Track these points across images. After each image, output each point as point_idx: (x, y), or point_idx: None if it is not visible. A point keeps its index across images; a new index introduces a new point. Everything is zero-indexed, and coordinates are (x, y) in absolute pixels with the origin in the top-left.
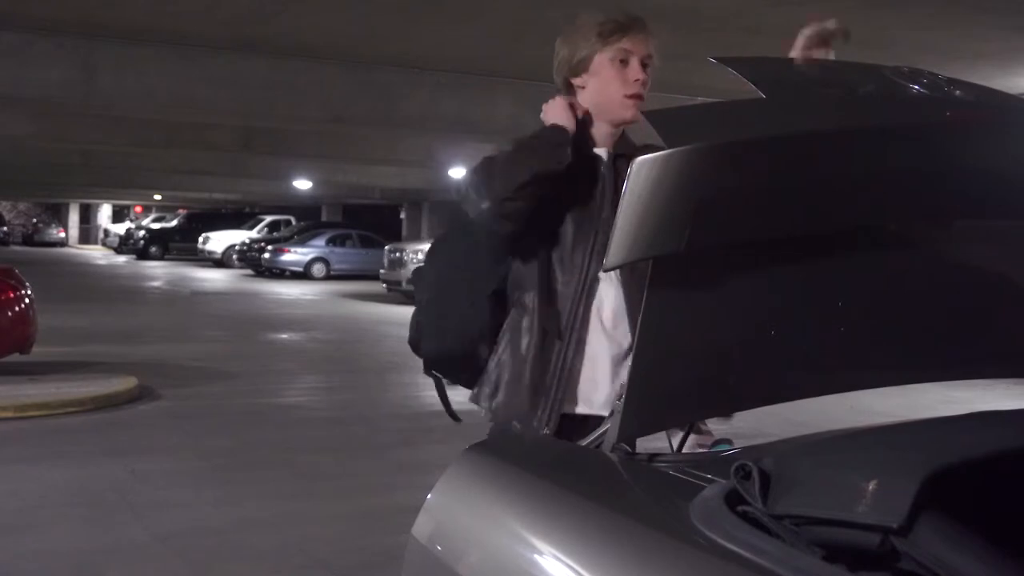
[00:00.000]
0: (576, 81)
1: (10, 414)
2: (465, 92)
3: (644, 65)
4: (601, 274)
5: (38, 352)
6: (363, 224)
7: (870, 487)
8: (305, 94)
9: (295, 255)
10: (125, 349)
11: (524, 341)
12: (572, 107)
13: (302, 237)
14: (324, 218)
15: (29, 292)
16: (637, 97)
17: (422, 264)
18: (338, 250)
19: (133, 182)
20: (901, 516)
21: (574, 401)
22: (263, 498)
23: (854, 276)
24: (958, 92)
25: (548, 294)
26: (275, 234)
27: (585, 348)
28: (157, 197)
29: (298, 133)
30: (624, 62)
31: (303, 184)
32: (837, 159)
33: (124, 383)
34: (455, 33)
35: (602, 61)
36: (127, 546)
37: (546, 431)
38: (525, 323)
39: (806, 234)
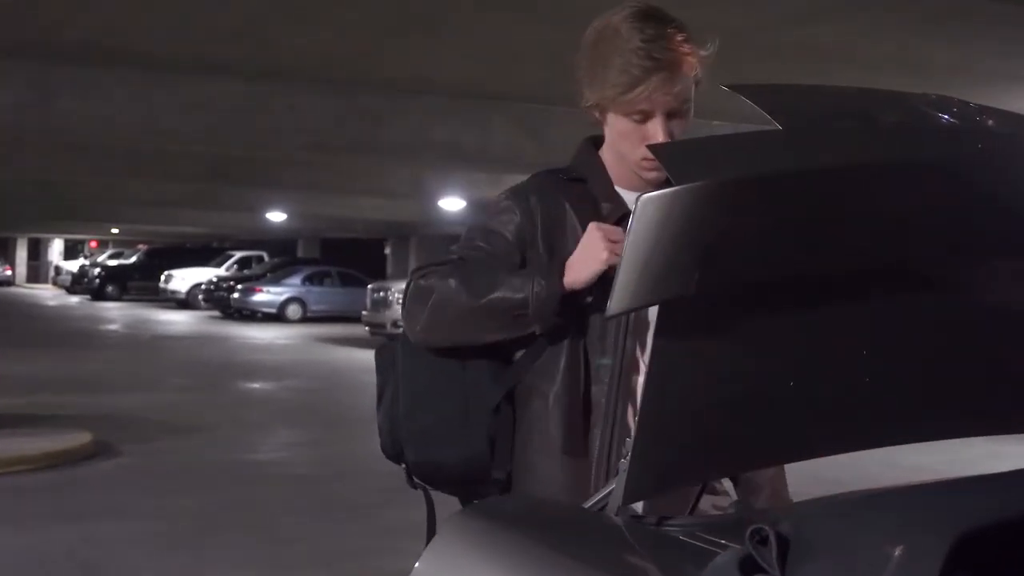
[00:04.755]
0: (597, 116)
1: None
2: (458, 117)
3: (673, 115)
4: (639, 353)
5: None
6: (344, 261)
7: (896, 552)
8: (281, 119)
9: (268, 295)
10: (80, 400)
11: (553, 452)
12: (614, 247)
13: (276, 275)
14: (300, 254)
15: None
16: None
17: (386, 344)
18: (316, 289)
19: (90, 214)
20: None
21: None
22: (233, 565)
23: (882, 320)
24: (991, 122)
25: (578, 385)
26: (246, 272)
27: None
28: (115, 231)
29: (273, 161)
30: (642, 120)
31: (278, 216)
32: (860, 194)
33: (78, 438)
34: (447, 54)
35: (616, 116)
36: None
37: None
38: (552, 427)
39: (827, 274)
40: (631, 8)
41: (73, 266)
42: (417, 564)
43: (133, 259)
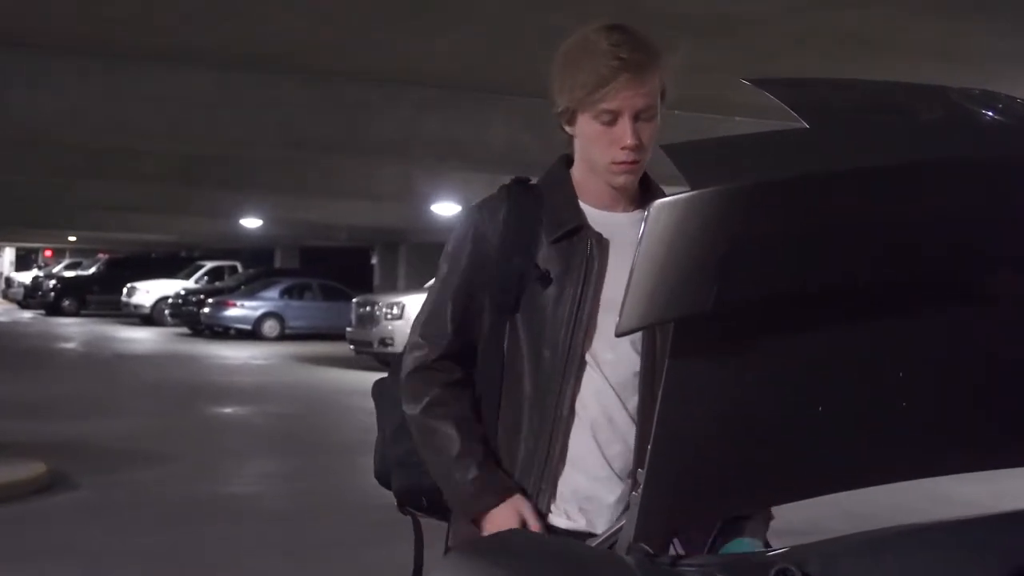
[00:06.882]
0: (566, 128)
1: None
2: (452, 111)
3: (640, 118)
4: (590, 356)
5: None
6: (326, 272)
7: None
8: (258, 114)
9: (242, 310)
10: (32, 426)
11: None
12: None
13: (251, 288)
14: (278, 264)
15: None
16: (627, 164)
17: (384, 377)
18: (295, 304)
19: (44, 220)
20: None
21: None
22: None
23: (920, 338)
24: None
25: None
26: (217, 284)
27: (567, 450)
28: (72, 238)
29: (248, 161)
30: (610, 122)
31: (253, 223)
32: (892, 200)
33: (31, 469)
34: (440, 41)
35: (585, 119)
36: None
37: None
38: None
39: (859, 288)
40: (602, 22)
41: (26, 278)
42: None
43: (92, 270)
